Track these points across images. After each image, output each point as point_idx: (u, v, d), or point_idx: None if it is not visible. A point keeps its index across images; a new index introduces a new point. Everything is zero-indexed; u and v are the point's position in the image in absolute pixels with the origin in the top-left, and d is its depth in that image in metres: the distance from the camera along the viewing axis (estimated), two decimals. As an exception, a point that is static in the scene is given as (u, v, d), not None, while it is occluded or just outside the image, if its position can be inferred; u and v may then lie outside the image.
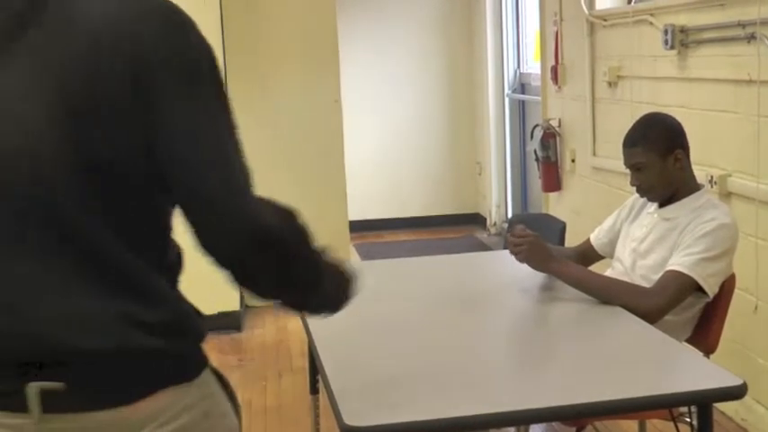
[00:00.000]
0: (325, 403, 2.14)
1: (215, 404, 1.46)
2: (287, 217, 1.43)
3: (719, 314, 2.70)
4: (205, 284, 1.96)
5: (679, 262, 2.58)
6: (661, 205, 2.77)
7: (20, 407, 1.34)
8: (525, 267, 2.74)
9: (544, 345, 2.45)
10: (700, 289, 2.59)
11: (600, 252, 3.00)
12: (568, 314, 2.62)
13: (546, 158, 5.74)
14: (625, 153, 2.75)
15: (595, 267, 2.94)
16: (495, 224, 7.48)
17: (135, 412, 1.35)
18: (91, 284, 1.34)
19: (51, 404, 1.33)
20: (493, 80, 7.51)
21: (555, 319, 2.63)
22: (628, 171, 2.79)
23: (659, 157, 2.67)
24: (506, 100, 7.45)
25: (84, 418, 1.35)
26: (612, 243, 2.95)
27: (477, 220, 7.77)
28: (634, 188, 2.81)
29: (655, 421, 3.16)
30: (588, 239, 3.05)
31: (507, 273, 3.00)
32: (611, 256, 2.96)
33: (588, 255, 3.02)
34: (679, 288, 2.56)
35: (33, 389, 1.32)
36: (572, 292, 2.66)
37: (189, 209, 1.36)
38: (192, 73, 1.35)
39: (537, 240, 2.69)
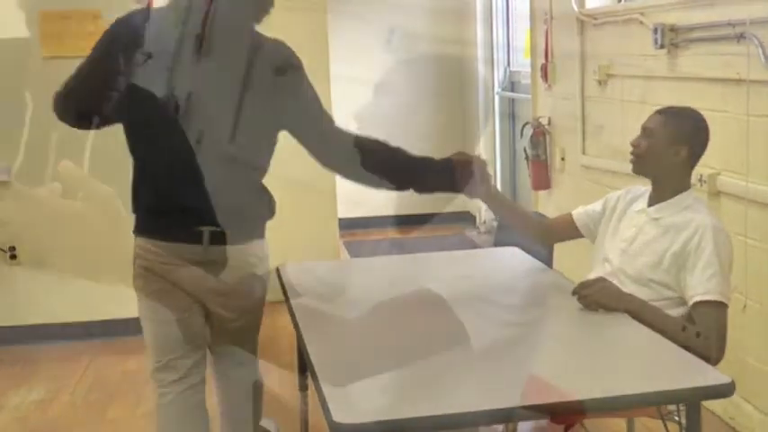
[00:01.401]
0: (313, 400, 2.14)
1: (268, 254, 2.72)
2: None
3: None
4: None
5: (706, 289, 2.54)
6: (650, 204, 2.77)
7: (198, 240, 2.51)
8: (514, 267, 2.73)
9: (533, 342, 2.45)
10: None
11: (581, 230, 2.96)
12: (557, 312, 2.62)
13: (536, 156, 5.74)
14: (651, 115, 2.78)
15: (574, 255, 2.95)
16: (484, 222, 7.48)
17: (250, 247, 2.63)
18: (244, 189, 2.59)
19: (213, 239, 2.52)
20: (483, 78, 7.51)
21: (544, 317, 2.62)
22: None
23: (668, 137, 2.69)
24: (496, 98, 7.45)
25: (227, 248, 2.54)
26: (595, 228, 2.94)
27: (466, 218, 7.77)
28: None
29: (643, 419, 3.16)
30: (567, 216, 3.00)
31: (496, 271, 3.00)
32: (587, 236, 2.95)
33: (564, 230, 3.00)
34: (724, 318, 2.55)
35: (206, 230, 2.51)
36: (561, 291, 2.65)
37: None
38: None
39: (606, 283, 2.62)
